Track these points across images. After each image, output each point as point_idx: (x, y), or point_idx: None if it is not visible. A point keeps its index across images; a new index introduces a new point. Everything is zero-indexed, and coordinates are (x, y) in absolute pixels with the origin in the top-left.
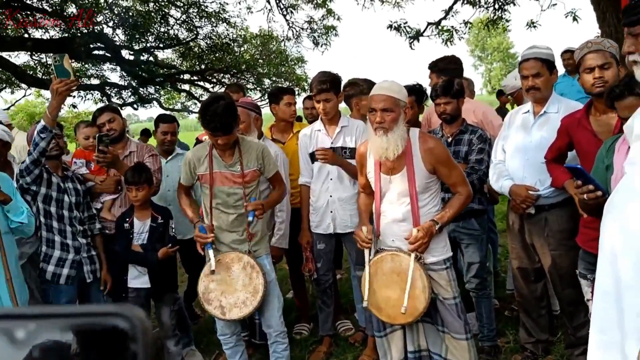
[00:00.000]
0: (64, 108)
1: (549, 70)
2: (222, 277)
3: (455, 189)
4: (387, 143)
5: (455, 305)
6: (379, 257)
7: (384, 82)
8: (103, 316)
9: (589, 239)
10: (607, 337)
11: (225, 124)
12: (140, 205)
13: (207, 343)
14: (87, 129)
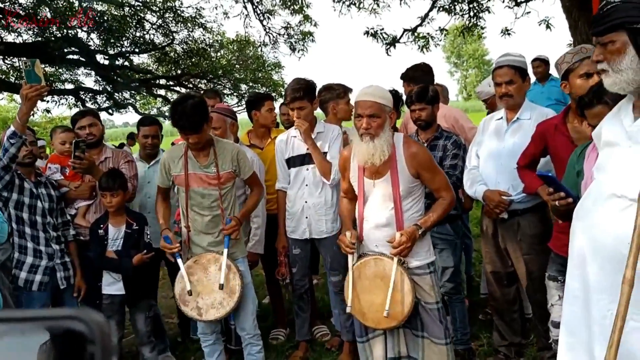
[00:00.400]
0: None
1: (522, 77)
2: (199, 278)
3: (438, 193)
4: (373, 149)
5: (438, 310)
6: (362, 262)
7: (369, 87)
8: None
9: (563, 244)
10: (575, 339)
11: (194, 122)
12: (114, 211)
13: (183, 349)
14: (64, 134)
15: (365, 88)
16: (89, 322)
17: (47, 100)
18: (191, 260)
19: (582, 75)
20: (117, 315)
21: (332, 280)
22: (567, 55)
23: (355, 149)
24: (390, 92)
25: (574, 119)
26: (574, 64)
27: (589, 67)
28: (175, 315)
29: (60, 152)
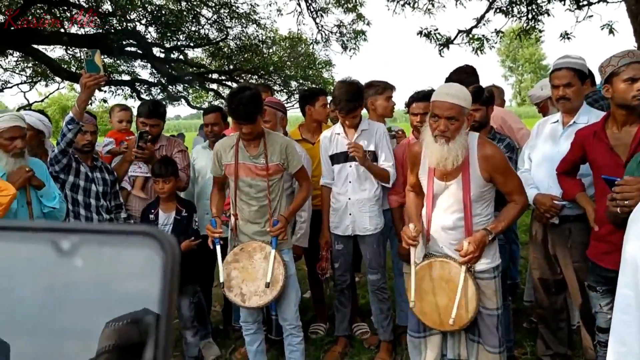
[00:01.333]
0: (94, 102)
1: (581, 80)
2: (244, 265)
3: (511, 197)
4: (447, 152)
5: (497, 316)
6: (428, 263)
7: (449, 87)
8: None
9: (599, 252)
10: (626, 349)
11: (249, 112)
12: (165, 197)
13: (224, 337)
14: (122, 113)
15: (445, 87)
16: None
17: (105, 90)
18: (237, 247)
19: (626, 80)
20: None
21: (370, 278)
22: (614, 59)
23: (428, 149)
24: (431, 92)
25: (614, 124)
26: (620, 67)
27: (635, 71)
28: (218, 304)
29: (119, 129)
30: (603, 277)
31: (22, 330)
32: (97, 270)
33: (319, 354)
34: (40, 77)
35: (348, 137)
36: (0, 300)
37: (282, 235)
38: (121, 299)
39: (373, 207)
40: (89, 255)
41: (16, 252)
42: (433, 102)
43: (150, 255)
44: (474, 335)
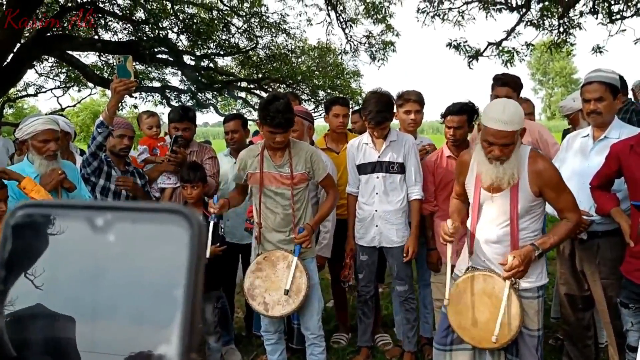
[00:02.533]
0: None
1: (613, 94)
2: (267, 274)
3: (562, 214)
4: (502, 173)
5: (537, 337)
6: (471, 276)
7: (502, 112)
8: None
9: (635, 268)
10: None
11: (288, 120)
12: (193, 203)
13: (246, 343)
14: (150, 119)
15: (498, 112)
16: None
17: (135, 96)
18: (261, 256)
19: None
20: None
21: (397, 290)
22: None
23: (481, 168)
24: (466, 105)
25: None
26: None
27: None
28: (241, 311)
29: (150, 136)
30: (637, 294)
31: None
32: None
33: None
34: (73, 83)
35: (376, 148)
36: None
37: (306, 244)
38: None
39: (400, 219)
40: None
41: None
42: (486, 129)
43: (178, 231)
44: (512, 355)
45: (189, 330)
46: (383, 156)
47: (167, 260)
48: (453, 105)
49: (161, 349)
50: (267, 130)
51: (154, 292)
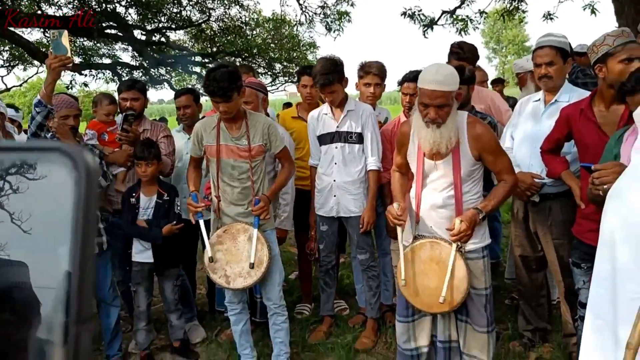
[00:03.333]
0: (75, 86)
1: (563, 59)
2: (228, 247)
3: (501, 176)
4: (440, 137)
5: (485, 296)
6: (418, 244)
7: (436, 73)
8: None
9: (585, 229)
10: (601, 322)
11: (223, 89)
12: (147, 181)
13: (210, 319)
14: (110, 107)
15: (432, 73)
16: (75, 156)
17: (85, 74)
18: (221, 229)
19: (623, 60)
20: (146, 282)
21: (359, 258)
22: (608, 38)
23: (419, 134)
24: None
25: (601, 103)
26: (616, 47)
27: (631, 52)
28: (203, 287)
29: (103, 121)
30: (588, 254)
31: None
32: (6, 187)
33: (304, 333)
34: (17, 61)
35: (335, 118)
36: None
37: (263, 215)
38: (30, 221)
39: (358, 190)
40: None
41: None
42: (421, 90)
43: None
44: (462, 316)
45: (78, 297)
46: (341, 126)
47: (50, 208)
48: (410, 72)
49: (42, 319)
50: (211, 100)
51: (32, 249)
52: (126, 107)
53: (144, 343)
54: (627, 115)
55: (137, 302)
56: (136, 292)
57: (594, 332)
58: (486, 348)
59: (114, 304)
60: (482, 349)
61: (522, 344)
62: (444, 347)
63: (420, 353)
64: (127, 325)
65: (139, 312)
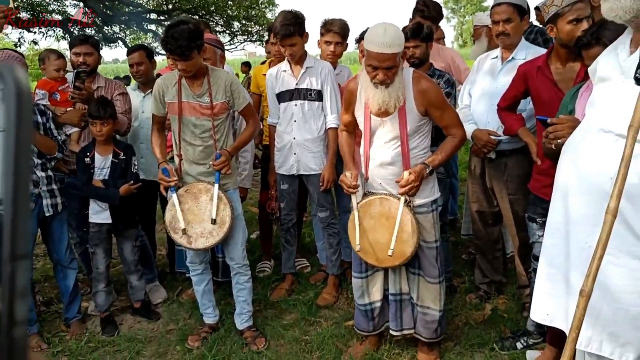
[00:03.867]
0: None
1: (520, 16)
2: (189, 207)
3: (448, 131)
4: (388, 97)
5: (435, 248)
6: (368, 201)
7: (383, 35)
8: None
9: (541, 185)
10: (554, 270)
11: (181, 47)
12: (103, 140)
13: (171, 279)
14: (59, 61)
15: (379, 35)
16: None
17: (34, 31)
18: (182, 189)
19: (571, 21)
20: (104, 243)
21: (320, 216)
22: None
23: (368, 94)
24: None
25: (557, 61)
26: (564, 8)
27: (579, 12)
28: (163, 248)
29: (53, 78)
30: (544, 208)
31: None
32: None
33: (266, 291)
34: None
35: (294, 75)
36: None
37: (225, 169)
38: None
39: (318, 147)
40: None
41: None
42: (368, 52)
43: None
44: (415, 268)
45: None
46: (300, 83)
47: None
48: (368, 29)
49: None
50: (169, 57)
51: None
52: (79, 62)
53: (103, 305)
54: (583, 72)
55: (95, 264)
56: (94, 253)
57: (547, 280)
58: (438, 298)
59: (72, 267)
60: (435, 299)
61: (479, 296)
62: (395, 300)
63: (373, 307)
64: (86, 287)
65: (97, 273)
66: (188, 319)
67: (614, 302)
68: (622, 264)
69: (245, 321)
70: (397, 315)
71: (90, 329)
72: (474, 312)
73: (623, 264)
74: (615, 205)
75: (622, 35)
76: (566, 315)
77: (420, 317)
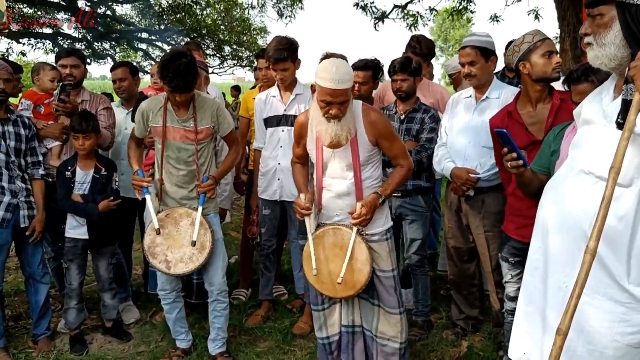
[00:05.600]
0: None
1: (485, 57)
2: (170, 232)
3: (397, 161)
4: (340, 130)
5: (393, 277)
6: (321, 232)
7: (336, 71)
8: None
9: (515, 226)
10: (532, 308)
11: (188, 82)
12: (85, 154)
13: (145, 300)
14: (53, 72)
15: (333, 73)
16: None
17: (24, 42)
18: (163, 213)
19: (544, 54)
20: (78, 259)
21: (300, 243)
22: (527, 36)
23: (319, 127)
24: (372, 62)
25: (527, 103)
26: (535, 43)
27: (550, 46)
28: (139, 267)
29: (46, 90)
30: (517, 249)
31: None
32: None
33: (241, 317)
34: None
35: (283, 101)
36: None
37: (210, 193)
38: None
39: None
40: None
41: None
42: (322, 89)
43: None
44: (374, 300)
45: None
46: (289, 109)
47: None
48: (359, 61)
49: None
50: (167, 90)
51: None
52: (65, 74)
53: (74, 322)
54: (554, 110)
55: (68, 280)
56: (68, 269)
57: (525, 318)
58: (399, 329)
59: (44, 281)
60: (395, 331)
61: (455, 332)
62: (347, 332)
63: (331, 342)
64: (57, 303)
65: (70, 290)
66: (160, 341)
67: (589, 343)
68: (597, 305)
69: (219, 347)
70: (349, 347)
71: (59, 346)
72: (450, 349)
73: (598, 305)
74: (595, 246)
75: (607, 81)
76: (541, 354)
77: (380, 350)
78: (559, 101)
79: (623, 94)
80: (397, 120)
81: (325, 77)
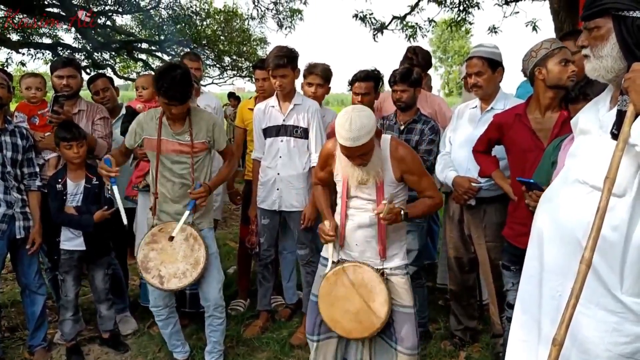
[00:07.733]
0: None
1: (492, 68)
2: (163, 247)
3: (424, 194)
4: (367, 175)
5: (414, 314)
6: (341, 268)
7: (350, 130)
8: None
9: (516, 234)
10: (527, 317)
11: (184, 93)
12: (74, 166)
13: (142, 311)
14: (30, 79)
15: (347, 132)
16: None
17: (23, 52)
18: (156, 227)
19: (560, 62)
20: (74, 270)
21: (299, 253)
22: (545, 43)
23: (346, 170)
24: (372, 73)
25: (537, 110)
26: (553, 50)
27: (566, 55)
28: (137, 277)
29: (27, 98)
30: (518, 257)
31: None
32: None
33: (239, 327)
34: None
35: (282, 111)
36: None
37: (200, 201)
38: None
39: (301, 184)
40: None
41: None
42: (342, 146)
43: None
44: (392, 341)
45: None
46: (288, 119)
47: None
48: (360, 72)
49: None
50: (162, 101)
51: None
52: (62, 85)
53: (70, 333)
54: (561, 121)
55: (64, 292)
56: (64, 280)
57: (521, 327)
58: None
59: (40, 292)
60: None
61: (453, 343)
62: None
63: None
64: (54, 314)
65: (66, 301)
66: (158, 352)
67: (583, 353)
68: (591, 314)
69: (216, 359)
70: None
71: (55, 358)
72: (448, 359)
73: (591, 315)
74: (590, 256)
75: (603, 92)
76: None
77: None
78: (568, 113)
79: (618, 105)
80: (397, 130)
81: (342, 136)
